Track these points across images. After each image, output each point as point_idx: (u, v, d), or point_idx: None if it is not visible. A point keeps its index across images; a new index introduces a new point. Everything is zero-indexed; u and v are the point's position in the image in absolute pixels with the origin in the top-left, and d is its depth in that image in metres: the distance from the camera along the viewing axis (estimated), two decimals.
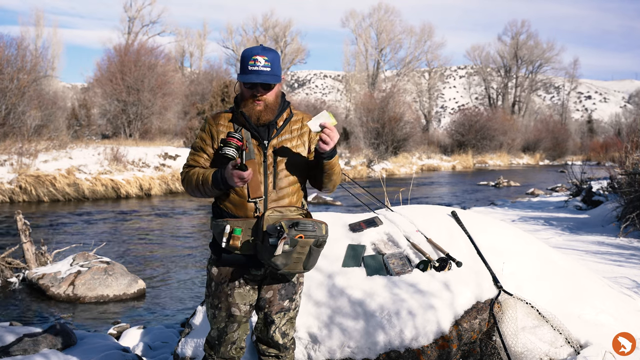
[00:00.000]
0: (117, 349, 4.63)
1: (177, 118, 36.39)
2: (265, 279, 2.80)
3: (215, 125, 2.76)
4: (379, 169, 32.84)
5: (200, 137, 2.79)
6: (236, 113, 2.76)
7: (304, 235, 2.52)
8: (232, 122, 2.75)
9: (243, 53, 2.68)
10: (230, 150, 2.55)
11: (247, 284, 2.76)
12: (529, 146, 59.65)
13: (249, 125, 2.69)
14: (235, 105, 2.80)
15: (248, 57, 2.64)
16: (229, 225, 2.65)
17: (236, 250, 2.65)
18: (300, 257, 2.56)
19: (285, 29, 62.06)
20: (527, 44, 70.58)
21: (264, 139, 2.71)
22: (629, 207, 9.70)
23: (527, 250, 4.15)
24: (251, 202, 2.66)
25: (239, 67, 2.71)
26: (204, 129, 2.79)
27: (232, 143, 2.56)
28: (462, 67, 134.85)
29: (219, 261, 2.77)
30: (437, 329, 3.31)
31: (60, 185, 17.32)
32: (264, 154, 2.70)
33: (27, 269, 7.66)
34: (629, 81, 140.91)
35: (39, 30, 49.29)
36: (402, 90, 52.00)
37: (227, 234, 2.63)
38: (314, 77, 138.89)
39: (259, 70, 2.62)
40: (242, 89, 2.72)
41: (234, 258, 2.70)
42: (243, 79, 2.64)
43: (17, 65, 21.92)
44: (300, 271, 2.63)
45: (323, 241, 2.60)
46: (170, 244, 10.98)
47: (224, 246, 2.65)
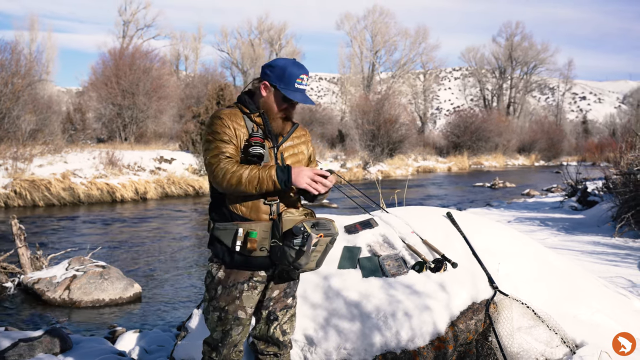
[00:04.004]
0: (113, 353, 4.62)
1: (173, 121, 36.30)
2: (272, 279, 2.84)
3: (232, 122, 2.69)
4: (375, 171, 32.84)
5: (222, 131, 2.66)
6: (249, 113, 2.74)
7: (323, 234, 2.62)
8: (245, 122, 2.73)
9: (289, 68, 2.69)
10: (262, 150, 2.62)
11: (256, 286, 2.76)
12: (524, 147, 59.77)
13: (265, 128, 2.72)
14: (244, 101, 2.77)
15: (296, 74, 2.69)
16: (241, 229, 2.64)
17: (253, 253, 2.66)
18: (317, 256, 2.67)
19: (280, 31, 62.15)
20: (522, 46, 70.77)
21: (275, 144, 2.77)
22: (624, 207, 9.73)
23: (523, 251, 4.16)
24: (266, 205, 2.69)
25: (279, 77, 2.68)
26: (224, 124, 2.67)
27: (259, 142, 2.64)
28: (457, 68, 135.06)
29: (228, 265, 2.73)
30: (433, 330, 3.31)
31: (55, 190, 17.26)
32: (275, 157, 2.75)
33: (23, 274, 7.64)
34: (623, 82, 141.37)
35: (33, 34, 49.17)
36: (398, 92, 52.13)
37: (242, 237, 2.63)
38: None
39: (304, 89, 2.72)
40: (276, 99, 2.72)
41: (247, 261, 2.69)
42: (291, 95, 2.67)
43: (11, 70, 21.81)
44: (312, 269, 2.72)
45: (335, 238, 2.72)
46: (166, 248, 10.96)
47: (240, 250, 2.64)
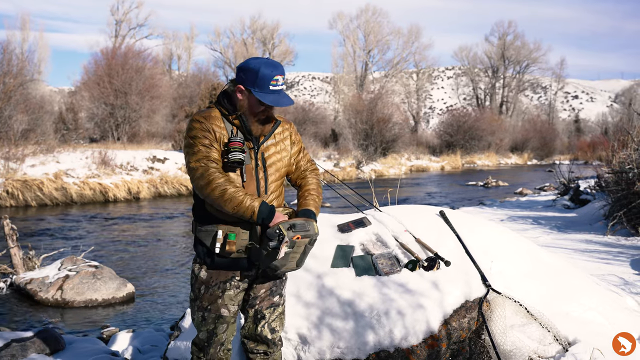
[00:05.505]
0: (106, 353, 4.61)
1: (165, 121, 36.16)
2: (257, 278, 2.84)
3: (212, 124, 2.64)
4: (368, 170, 32.86)
5: (202, 135, 2.61)
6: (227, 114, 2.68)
7: (300, 235, 2.60)
8: (224, 123, 2.68)
9: (262, 70, 2.59)
10: (241, 155, 2.59)
11: (238, 286, 2.77)
12: (517, 146, 59.93)
13: (244, 129, 2.68)
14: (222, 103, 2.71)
15: (269, 76, 2.59)
16: (221, 231, 2.64)
17: (231, 254, 2.66)
18: (295, 257, 2.65)
19: (273, 31, 61.99)
20: (514, 45, 70.96)
21: (255, 144, 2.73)
22: (616, 205, 9.78)
23: (515, 249, 4.17)
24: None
25: (253, 80, 2.60)
26: (205, 127, 2.62)
27: (238, 147, 2.59)
28: (449, 68, 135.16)
29: (209, 265, 2.73)
30: (426, 328, 3.32)
31: (47, 190, 17.18)
32: (255, 159, 2.73)
33: (15, 274, 7.60)
34: (615, 81, 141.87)
35: (25, 34, 48.81)
36: (391, 92, 52.10)
37: (221, 240, 2.63)
38: (302, 79, 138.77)
39: (279, 90, 2.63)
40: (252, 103, 2.65)
41: (227, 262, 2.70)
42: (266, 99, 2.59)
43: (2, 69, 21.73)
44: (293, 269, 2.70)
45: (316, 239, 2.69)
46: (159, 247, 10.93)
47: (218, 252, 2.64)
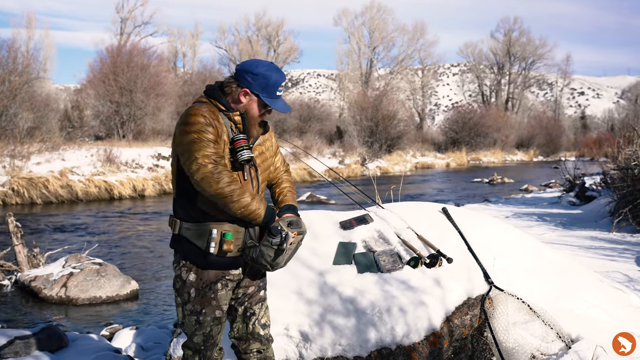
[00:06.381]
0: (110, 350, 4.61)
1: (171, 119, 36.20)
2: (244, 275, 2.82)
3: (214, 120, 2.59)
4: (373, 167, 32.81)
5: (205, 130, 2.54)
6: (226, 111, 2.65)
7: (297, 232, 2.65)
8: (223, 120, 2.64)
9: (272, 76, 2.64)
10: (249, 153, 2.62)
11: (227, 284, 2.73)
12: (522, 143, 59.73)
13: (243, 128, 2.69)
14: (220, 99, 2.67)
15: (278, 82, 2.67)
16: (215, 230, 2.60)
17: (229, 254, 2.64)
18: (290, 253, 2.68)
19: (278, 28, 61.89)
20: (520, 41, 70.65)
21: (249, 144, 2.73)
22: (622, 202, 9.73)
23: (518, 246, 4.16)
24: None
25: (263, 86, 2.64)
26: (208, 122, 2.55)
27: (245, 145, 2.62)
28: (455, 64, 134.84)
29: (200, 266, 2.67)
30: (428, 326, 3.31)
31: (53, 187, 17.23)
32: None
33: (20, 272, 7.63)
34: (621, 77, 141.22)
35: (31, 32, 48.97)
36: (396, 89, 52.07)
37: (217, 239, 2.60)
38: (307, 76, 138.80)
39: (280, 96, 2.72)
40: (254, 105, 2.68)
41: (225, 261, 2.67)
42: (275, 105, 2.67)
43: (8, 67, 21.80)
44: (282, 267, 2.72)
45: (304, 236, 2.76)
46: (164, 245, 10.94)
47: (214, 251, 2.61)
